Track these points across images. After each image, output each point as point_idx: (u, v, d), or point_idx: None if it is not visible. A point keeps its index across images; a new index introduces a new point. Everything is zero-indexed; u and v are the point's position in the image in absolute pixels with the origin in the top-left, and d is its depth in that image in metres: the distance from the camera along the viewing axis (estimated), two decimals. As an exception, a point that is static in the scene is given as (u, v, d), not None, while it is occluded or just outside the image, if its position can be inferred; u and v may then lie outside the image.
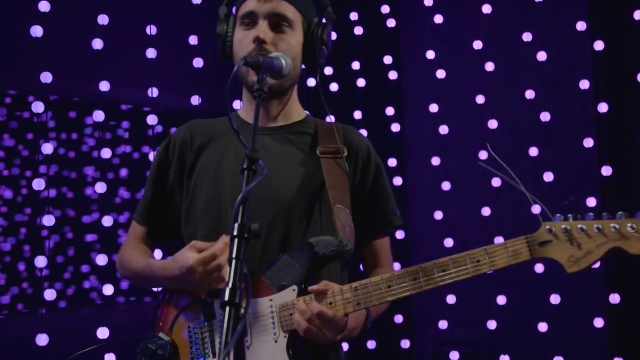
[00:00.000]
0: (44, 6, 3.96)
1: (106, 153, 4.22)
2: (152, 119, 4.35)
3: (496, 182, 4.81)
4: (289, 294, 1.93)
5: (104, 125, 4.27)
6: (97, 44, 4.13)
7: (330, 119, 2.20)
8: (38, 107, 3.89)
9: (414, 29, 5.59)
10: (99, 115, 4.15)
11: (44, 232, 4.08)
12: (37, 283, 3.96)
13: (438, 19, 5.12)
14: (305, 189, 2.09)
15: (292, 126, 2.21)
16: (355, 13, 5.12)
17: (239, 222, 1.46)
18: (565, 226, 1.75)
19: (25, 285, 5.04)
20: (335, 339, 1.90)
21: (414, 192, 5.55)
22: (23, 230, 5.10)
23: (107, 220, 4.17)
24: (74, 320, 5.03)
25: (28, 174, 5.08)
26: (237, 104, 4.66)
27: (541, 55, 4.78)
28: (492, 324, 4.80)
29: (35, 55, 3.88)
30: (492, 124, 4.88)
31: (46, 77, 3.90)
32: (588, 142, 4.64)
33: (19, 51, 4.21)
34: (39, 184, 3.81)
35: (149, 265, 2.13)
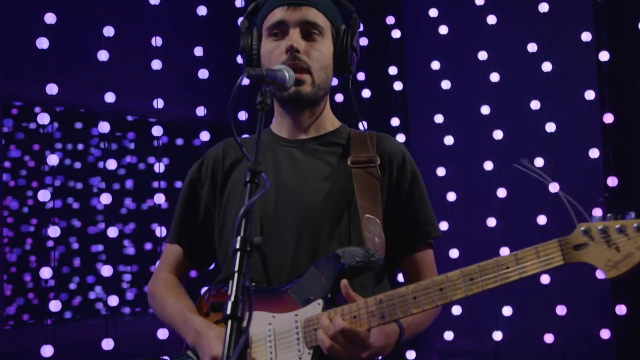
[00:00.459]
0: (50, 18, 3.98)
1: (112, 164, 4.23)
2: (157, 130, 4.36)
3: (502, 192, 4.81)
4: (314, 308, 1.87)
5: (109, 136, 4.27)
6: (103, 55, 4.15)
7: (364, 126, 2.14)
8: (44, 118, 3.90)
9: (419, 39, 5.60)
10: (105, 126, 4.17)
11: (50, 243, 4.08)
12: (43, 294, 3.96)
13: (443, 29, 5.13)
14: (334, 200, 2.03)
15: (324, 137, 2.14)
16: (360, 24, 5.12)
17: (242, 235, 1.45)
18: (602, 227, 1.61)
19: (31, 295, 5.05)
20: (361, 356, 1.82)
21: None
22: (29, 240, 5.11)
23: (113, 231, 4.17)
24: (79, 331, 5.03)
25: (34, 184, 5.10)
26: (241, 115, 4.67)
27: (546, 66, 4.78)
28: (498, 335, 4.78)
29: (41, 67, 3.90)
30: (498, 134, 4.88)
31: (52, 89, 3.92)
32: (594, 153, 4.64)
33: (26, 63, 4.24)
34: (44, 195, 3.82)
35: (183, 316, 2.05)
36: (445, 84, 5.08)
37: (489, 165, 4.89)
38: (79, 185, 5.36)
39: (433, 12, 5.18)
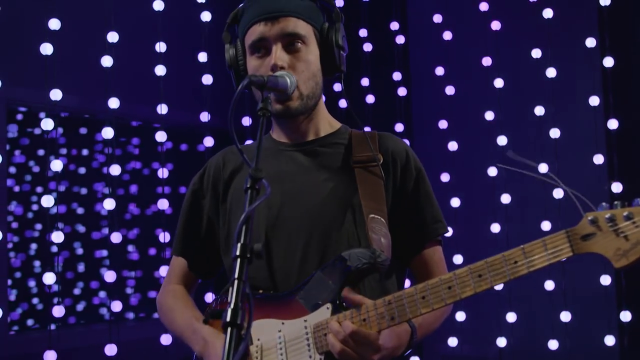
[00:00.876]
0: (54, 24, 3.99)
1: (116, 169, 4.23)
2: (161, 136, 4.36)
3: (506, 198, 4.80)
4: (323, 313, 1.85)
5: (113, 141, 4.28)
6: (107, 61, 4.16)
7: (358, 120, 2.10)
8: (47, 124, 3.91)
9: (423, 45, 5.61)
10: (109, 132, 4.17)
11: (54, 248, 4.08)
12: (47, 299, 3.96)
13: (447, 35, 5.14)
14: (338, 202, 2.01)
15: (325, 139, 2.11)
16: (364, 30, 5.14)
17: (242, 242, 1.44)
18: (609, 215, 1.56)
19: (35, 301, 5.06)
20: (373, 358, 1.80)
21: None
22: (33, 246, 5.11)
23: (117, 237, 4.17)
24: (83, 336, 5.03)
25: (39, 189, 5.11)
26: (245, 121, 4.68)
27: (551, 72, 4.78)
28: (502, 342, 4.77)
29: (45, 73, 3.91)
30: (502, 140, 4.87)
31: (56, 94, 3.93)
32: (598, 159, 4.63)
33: (30, 68, 4.24)
34: (47, 200, 3.83)
35: (192, 326, 2.05)
36: (450, 90, 5.08)
37: (493, 171, 4.89)
38: (83, 191, 5.37)
39: (437, 18, 5.18)
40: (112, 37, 4.20)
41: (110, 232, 4.21)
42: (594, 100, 4.68)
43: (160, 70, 4.36)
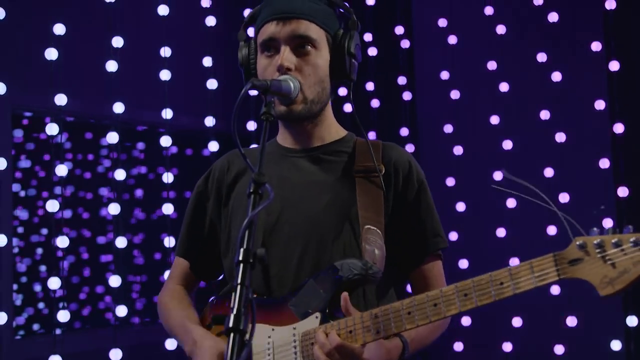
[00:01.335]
0: (59, 29, 4.00)
1: (121, 174, 4.24)
2: (166, 140, 4.36)
3: (511, 202, 4.79)
4: (312, 322, 1.85)
5: (119, 146, 4.28)
6: (112, 66, 4.16)
7: (363, 132, 2.08)
8: (53, 128, 3.91)
9: (429, 49, 5.60)
10: (114, 137, 4.18)
11: (60, 253, 4.09)
12: (53, 304, 3.96)
13: (452, 39, 5.13)
14: (337, 211, 2.00)
15: (328, 146, 2.10)
16: (369, 34, 5.13)
17: (244, 247, 1.44)
18: (598, 241, 1.51)
19: (41, 305, 5.06)
20: None
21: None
22: (39, 250, 5.12)
23: (121, 242, 4.17)
24: (88, 341, 5.03)
25: (45, 194, 5.11)
26: (250, 125, 4.68)
27: (556, 76, 4.77)
28: (507, 346, 4.75)
29: (50, 78, 3.91)
30: (507, 144, 4.86)
31: (61, 99, 3.93)
32: (604, 163, 4.62)
33: (35, 73, 4.25)
34: (53, 205, 3.83)
35: (184, 326, 2.06)
36: (455, 94, 5.07)
37: (498, 176, 4.87)
38: (88, 195, 5.38)
39: (442, 22, 5.17)
40: (117, 41, 4.21)
41: (115, 237, 4.21)
42: (600, 105, 4.67)
43: (165, 74, 4.37)
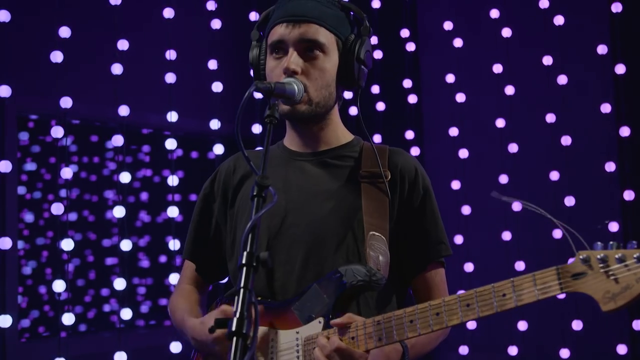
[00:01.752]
0: (65, 32, 4.01)
1: (126, 177, 4.24)
2: (171, 143, 4.37)
3: (517, 206, 4.78)
4: (315, 326, 1.85)
5: (124, 149, 4.29)
6: (117, 69, 4.17)
7: (370, 139, 2.09)
8: (58, 131, 3.92)
9: (434, 52, 5.60)
10: (119, 140, 4.18)
11: (65, 256, 4.09)
12: (58, 306, 3.96)
13: (458, 42, 5.13)
14: (342, 215, 1.99)
15: (335, 150, 2.09)
16: (374, 37, 5.13)
17: (248, 250, 1.43)
18: (601, 255, 1.50)
19: (46, 308, 5.06)
20: None
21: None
22: (44, 253, 5.12)
23: (127, 244, 4.17)
24: (93, 344, 5.03)
25: (50, 197, 5.11)
26: (256, 128, 4.68)
27: (562, 79, 4.76)
28: (513, 350, 4.74)
29: (56, 80, 3.92)
30: (513, 147, 4.85)
31: (66, 102, 3.94)
32: (610, 166, 4.60)
33: (40, 76, 4.26)
34: (58, 207, 3.83)
35: (183, 321, 2.06)
36: (460, 97, 5.07)
37: (504, 179, 4.87)
38: (94, 198, 5.38)
39: (448, 25, 5.16)
40: (122, 44, 4.21)
41: (120, 240, 4.22)
42: (606, 108, 4.66)
43: (170, 77, 4.37)
